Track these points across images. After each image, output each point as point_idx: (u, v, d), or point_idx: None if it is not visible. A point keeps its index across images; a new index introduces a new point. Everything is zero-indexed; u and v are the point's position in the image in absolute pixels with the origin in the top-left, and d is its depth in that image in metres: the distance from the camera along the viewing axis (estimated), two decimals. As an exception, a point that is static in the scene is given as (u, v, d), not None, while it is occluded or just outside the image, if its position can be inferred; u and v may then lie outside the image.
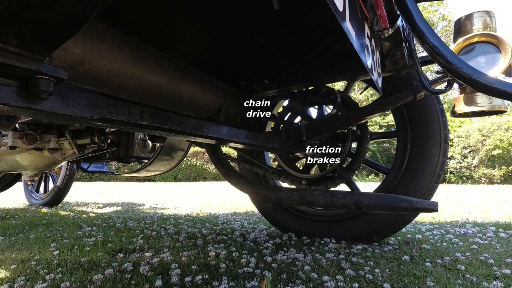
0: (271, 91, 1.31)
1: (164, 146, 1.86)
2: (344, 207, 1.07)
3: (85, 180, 10.87)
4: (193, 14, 0.95)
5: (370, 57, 0.87)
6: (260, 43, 1.14)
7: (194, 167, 13.18)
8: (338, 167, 1.43)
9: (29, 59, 0.47)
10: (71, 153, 1.47)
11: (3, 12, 0.37)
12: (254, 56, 1.27)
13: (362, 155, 1.44)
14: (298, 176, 1.53)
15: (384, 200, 0.96)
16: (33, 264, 1.21)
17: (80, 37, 0.71)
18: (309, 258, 1.26)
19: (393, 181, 1.46)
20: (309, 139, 1.39)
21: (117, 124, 0.72)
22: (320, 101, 1.48)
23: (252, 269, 1.12)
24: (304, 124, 1.39)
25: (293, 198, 1.14)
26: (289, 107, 1.56)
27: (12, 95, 0.51)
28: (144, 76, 0.87)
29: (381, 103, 1.24)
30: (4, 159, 1.62)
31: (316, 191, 1.10)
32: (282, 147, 1.31)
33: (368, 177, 13.19)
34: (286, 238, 1.61)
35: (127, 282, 1.01)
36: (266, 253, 1.33)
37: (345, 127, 1.36)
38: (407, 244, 1.52)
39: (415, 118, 1.43)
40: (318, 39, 1.12)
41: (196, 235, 1.74)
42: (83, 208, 3.30)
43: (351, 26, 0.69)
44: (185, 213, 2.86)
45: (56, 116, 0.59)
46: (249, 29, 1.06)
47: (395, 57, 1.09)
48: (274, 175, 1.57)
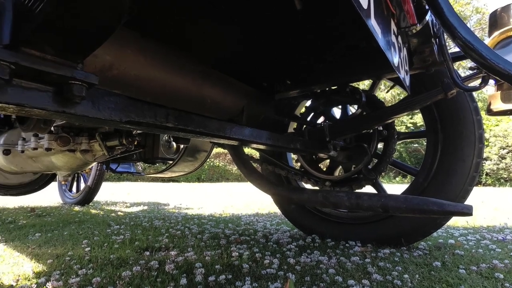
0: (294, 91, 1.30)
1: (188, 148, 1.91)
2: (370, 210, 1.03)
3: (114, 180, 11.35)
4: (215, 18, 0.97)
5: (396, 54, 0.84)
6: (282, 43, 1.14)
7: (217, 168, 13.36)
8: (364, 168, 1.40)
9: (63, 66, 0.49)
10: (101, 154, 1.54)
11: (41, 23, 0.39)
12: (276, 57, 1.26)
13: (389, 156, 1.39)
14: (322, 177, 1.51)
15: (413, 203, 0.92)
16: (67, 259, 1.27)
17: (109, 43, 0.74)
18: (334, 261, 1.23)
19: (422, 183, 1.40)
20: (332, 140, 1.36)
21: (144, 126, 0.74)
22: (344, 101, 1.45)
23: (275, 270, 1.12)
24: (327, 124, 1.37)
25: (316, 200, 1.12)
26: (311, 107, 1.54)
27: (49, 100, 0.54)
28: (169, 80, 0.90)
29: (409, 101, 1.20)
30: (41, 160, 1.72)
31: (340, 193, 1.08)
32: (305, 148, 1.30)
33: (395, 179, 12.73)
34: (309, 240, 1.58)
35: (154, 279, 1.04)
36: (289, 255, 1.32)
37: (371, 127, 1.33)
38: (439, 250, 1.45)
39: (446, 117, 1.36)
40: (342, 38, 1.09)
41: (219, 235, 1.76)
42: (112, 207, 3.44)
43: (376, 23, 0.67)
44: (208, 213, 2.90)
45: (88, 119, 0.62)
46: (270, 30, 1.06)
47: (423, 53, 1.05)
48: (297, 176, 1.56)
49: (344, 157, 1.45)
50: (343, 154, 1.45)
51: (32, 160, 1.68)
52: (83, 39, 0.46)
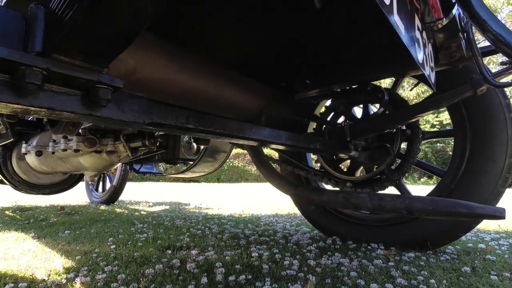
0: (313, 91, 1.28)
1: (208, 148, 1.93)
2: (393, 212, 1.00)
3: (137, 180, 11.71)
4: (234, 19, 0.97)
5: (421, 50, 0.81)
6: (301, 43, 1.13)
7: (236, 168, 13.46)
8: (386, 168, 1.36)
9: (90, 71, 0.52)
10: (125, 155, 1.60)
11: (70, 30, 0.41)
12: (295, 57, 1.26)
13: (413, 156, 1.34)
14: (342, 178, 1.48)
15: (439, 205, 0.88)
16: (94, 256, 1.33)
17: (132, 48, 0.77)
18: (355, 263, 1.21)
19: (449, 184, 1.34)
20: (353, 140, 1.33)
21: (166, 127, 0.76)
22: (365, 100, 1.42)
23: (295, 272, 1.11)
24: (348, 124, 1.34)
25: (337, 201, 1.10)
26: (331, 107, 1.51)
27: (77, 104, 0.57)
28: (189, 82, 0.91)
29: (435, 99, 1.15)
30: (70, 161, 1.81)
31: (362, 194, 1.05)
32: (325, 148, 1.28)
33: (420, 180, 12.27)
34: (330, 242, 1.56)
35: (175, 277, 1.06)
36: (310, 257, 1.30)
37: (393, 126, 1.29)
38: (468, 254, 1.38)
39: (475, 115, 1.29)
40: (362, 35, 1.07)
41: (239, 235, 1.77)
42: (135, 206, 3.55)
43: (399, 19, 0.65)
44: (228, 213, 2.93)
45: (113, 122, 0.64)
46: (289, 30, 1.05)
47: (450, 49, 1.00)
48: (317, 176, 1.54)
49: (365, 157, 1.42)
50: (364, 154, 1.42)
51: (61, 161, 1.77)
52: (108, 44, 0.48)
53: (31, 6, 0.48)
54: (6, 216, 2.62)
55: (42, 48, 0.48)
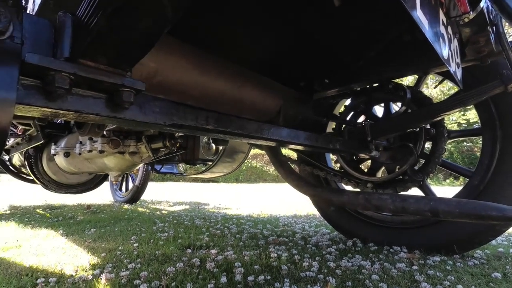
0: (332, 90, 1.27)
1: (226, 149, 1.95)
2: (417, 214, 0.97)
3: (158, 180, 12.00)
4: (253, 20, 0.98)
5: (446, 46, 0.78)
6: (319, 41, 1.12)
7: (255, 169, 13.49)
8: (409, 169, 1.31)
9: (114, 74, 0.54)
10: (146, 156, 1.64)
11: (95, 36, 0.43)
12: (314, 56, 1.24)
13: (438, 156, 1.29)
14: (363, 178, 1.45)
15: (467, 207, 0.84)
16: (118, 254, 1.37)
17: (153, 51, 0.79)
18: (377, 266, 1.18)
19: (478, 185, 1.28)
20: (374, 140, 1.30)
21: (186, 128, 0.77)
22: (386, 99, 1.38)
23: (315, 273, 1.10)
24: (368, 123, 1.31)
25: (357, 202, 1.08)
26: (351, 106, 1.49)
27: (102, 106, 0.59)
28: (209, 83, 0.93)
29: (461, 97, 1.10)
30: (95, 162, 1.88)
31: (384, 195, 1.03)
32: (345, 149, 1.26)
33: (445, 181, 11.78)
34: (350, 244, 1.53)
35: (195, 276, 1.08)
36: (329, 258, 1.28)
37: (417, 125, 1.24)
38: (499, 259, 1.31)
39: (506, 113, 1.23)
40: (383, 32, 1.04)
41: (258, 236, 1.77)
42: (157, 205, 3.64)
43: (422, 14, 0.63)
44: (247, 213, 2.94)
45: (136, 124, 0.66)
46: (308, 29, 1.04)
47: (478, 44, 0.96)
48: (336, 177, 1.51)
49: (387, 157, 1.38)
50: (386, 155, 1.38)
51: (87, 162, 1.85)
52: (131, 48, 0.49)
53: (60, 14, 0.51)
54: (37, 214, 2.76)
55: (70, 53, 0.50)
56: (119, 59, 0.53)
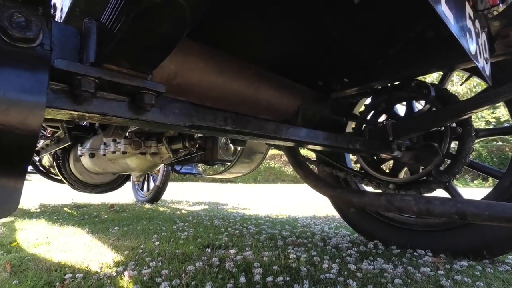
0: (352, 89, 1.24)
1: (245, 150, 1.96)
2: (443, 216, 0.93)
3: (178, 180, 12.24)
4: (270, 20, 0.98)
5: (473, 41, 0.74)
6: (338, 40, 1.10)
7: (273, 169, 13.46)
8: (434, 170, 1.26)
9: (137, 78, 0.55)
10: (167, 157, 1.68)
11: (119, 41, 0.44)
12: (332, 55, 1.23)
13: (465, 156, 1.23)
14: (385, 179, 1.41)
15: (498, 210, 0.80)
16: (140, 252, 1.41)
17: (172, 54, 0.81)
18: (400, 270, 1.14)
19: (509, 187, 1.21)
20: (396, 139, 1.26)
21: (205, 129, 0.79)
22: (409, 97, 1.33)
23: (335, 276, 1.08)
24: (390, 122, 1.27)
25: (379, 204, 1.05)
26: (372, 105, 1.45)
27: (125, 109, 0.61)
28: (227, 84, 0.93)
29: (490, 94, 1.05)
30: (118, 162, 1.95)
31: (407, 197, 0.99)
32: (365, 149, 1.23)
33: (473, 182, 11.24)
34: (371, 246, 1.49)
35: (215, 275, 1.09)
36: (350, 261, 1.26)
37: (442, 124, 1.19)
38: (533, 266, 1.23)
39: (540, 110, 1.16)
40: (405, 28, 1.01)
41: (276, 236, 1.77)
42: (177, 205, 3.72)
43: (447, 8, 0.61)
44: (265, 214, 2.94)
45: (157, 125, 0.68)
46: (326, 27, 1.03)
47: (508, 37, 0.91)
48: (357, 178, 1.48)
49: (410, 157, 1.34)
50: (409, 155, 1.33)
51: (111, 162, 1.91)
52: (152, 52, 0.51)
53: (85, 21, 0.53)
54: (64, 212, 2.89)
55: (95, 58, 0.52)
56: (141, 62, 0.54)
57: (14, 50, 0.44)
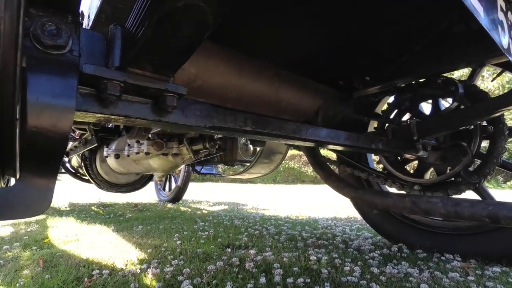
0: (374, 88, 1.21)
1: (264, 150, 1.96)
2: (473, 219, 0.88)
3: (198, 181, 12.44)
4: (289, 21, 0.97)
5: (505, 34, 0.70)
6: (359, 37, 1.07)
7: (292, 170, 13.37)
8: (462, 170, 1.20)
9: (159, 80, 0.57)
10: (188, 157, 1.71)
11: (142, 45, 0.46)
12: (353, 53, 1.20)
13: (497, 156, 1.16)
14: (409, 180, 1.36)
15: (534, 214, 0.75)
16: (163, 250, 1.45)
17: (194, 57, 0.82)
18: (426, 275, 1.10)
19: (547, 189, 1.13)
20: (421, 139, 1.21)
21: (225, 130, 0.79)
22: (435, 94, 1.28)
23: (357, 279, 1.05)
24: (414, 121, 1.23)
25: (403, 206, 1.02)
26: (395, 104, 1.41)
27: (148, 111, 0.63)
28: (246, 85, 0.94)
29: (525, 90, 0.98)
30: (142, 163, 2.01)
31: (433, 198, 0.95)
32: (389, 148, 1.19)
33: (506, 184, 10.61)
34: (395, 249, 1.44)
35: (235, 275, 1.10)
36: (372, 264, 1.23)
37: (471, 123, 1.14)
38: None
39: None
40: (431, 23, 0.97)
41: (296, 238, 1.75)
42: (197, 205, 3.78)
43: (477, 1, 0.58)
44: (285, 215, 2.92)
45: (178, 127, 0.69)
46: (348, 25, 1.01)
47: (545, 29, 0.85)
48: (379, 179, 1.44)
49: (436, 157, 1.28)
50: (435, 155, 1.28)
51: (135, 163, 1.98)
52: (174, 55, 0.52)
53: (111, 27, 0.55)
54: (92, 211, 3.02)
55: (120, 63, 0.54)
56: (163, 66, 0.56)
57: (46, 56, 0.46)
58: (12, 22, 0.36)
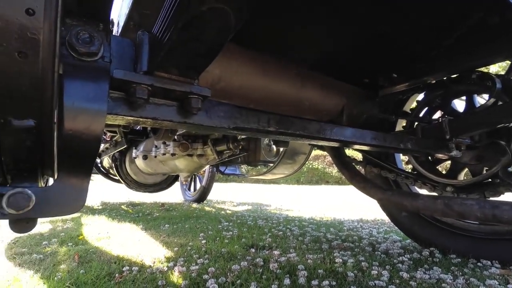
0: (401, 85, 1.16)
1: (287, 150, 1.95)
2: (514, 224, 0.82)
3: (222, 181, 12.61)
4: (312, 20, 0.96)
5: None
6: (385, 33, 1.04)
7: (316, 170, 13.18)
8: (501, 171, 1.13)
9: (184, 83, 0.58)
10: (212, 158, 1.75)
11: (169, 50, 0.47)
12: (379, 50, 1.16)
13: (541, 156, 1.08)
14: (442, 181, 1.29)
15: None
16: (188, 249, 1.48)
17: (217, 59, 0.83)
18: (461, 281, 1.04)
19: None
20: (454, 138, 1.15)
21: (248, 131, 0.80)
22: (469, 90, 1.21)
23: (385, 283, 1.02)
24: (447, 119, 1.17)
25: (435, 208, 0.97)
26: (425, 101, 1.34)
27: (174, 113, 0.65)
28: (269, 86, 0.94)
29: None
30: (168, 164, 2.07)
31: (468, 201, 0.90)
32: (419, 148, 1.14)
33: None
34: (426, 253, 1.38)
35: (259, 276, 1.10)
36: (402, 268, 1.18)
37: (510, 120, 1.06)
38: None
39: None
40: (464, 16, 0.92)
41: (321, 239, 1.73)
42: (221, 205, 3.83)
43: (516, -11, 0.54)
44: (309, 216, 2.89)
45: (203, 128, 0.71)
46: (373, 21, 0.98)
47: None
48: (408, 180, 1.38)
49: (471, 157, 1.21)
50: (470, 154, 1.21)
51: (162, 163, 2.04)
52: (199, 58, 0.53)
53: (139, 33, 0.57)
54: (122, 210, 3.15)
55: (147, 67, 0.56)
56: (188, 69, 0.57)
57: (80, 63, 0.49)
58: (51, 32, 0.39)
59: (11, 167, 0.51)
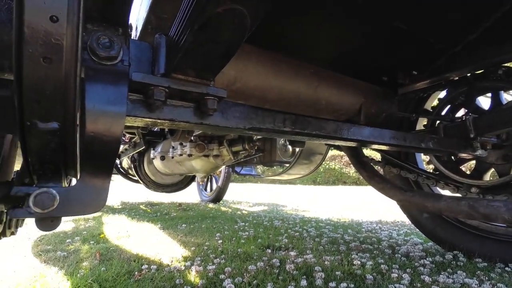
0: (422, 82, 1.12)
1: (303, 151, 1.93)
2: (546, 227, 0.78)
3: (238, 181, 12.66)
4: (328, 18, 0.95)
5: None
6: (404, 30, 1.01)
7: (333, 170, 12.99)
8: (530, 171, 1.07)
9: (201, 85, 0.59)
10: (228, 158, 1.75)
11: (185, 52, 0.48)
12: (398, 47, 1.13)
13: None
14: (465, 182, 1.24)
15: None
16: (205, 249, 1.50)
17: (233, 60, 0.84)
18: (487, 286, 0.99)
19: None
20: (479, 136, 1.10)
21: (264, 131, 0.80)
22: (495, 87, 1.16)
23: (406, 287, 0.99)
24: (471, 117, 1.12)
25: (459, 209, 0.93)
26: (447, 99, 1.30)
27: (190, 114, 0.65)
28: (285, 86, 0.93)
29: None
30: (185, 164, 2.10)
31: (495, 202, 0.86)
32: (441, 148, 1.10)
33: None
34: (450, 257, 1.33)
35: (275, 276, 1.09)
36: (423, 272, 1.14)
37: (540, 117, 1.01)
38: None
39: None
40: (488, 9, 0.88)
41: (338, 241, 1.70)
42: (237, 205, 3.84)
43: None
44: (326, 217, 2.85)
45: (219, 129, 0.71)
46: (390, 18, 0.95)
47: None
48: (430, 180, 1.34)
49: (498, 157, 1.16)
50: (496, 154, 1.16)
51: (179, 164, 2.07)
52: (215, 59, 0.54)
53: (156, 36, 0.59)
54: (140, 210, 3.23)
55: (165, 70, 0.57)
56: (205, 70, 0.58)
57: (101, 67, 0.51)
58: (73, 37, 0.40)
59: (36, 168, 0.53)
